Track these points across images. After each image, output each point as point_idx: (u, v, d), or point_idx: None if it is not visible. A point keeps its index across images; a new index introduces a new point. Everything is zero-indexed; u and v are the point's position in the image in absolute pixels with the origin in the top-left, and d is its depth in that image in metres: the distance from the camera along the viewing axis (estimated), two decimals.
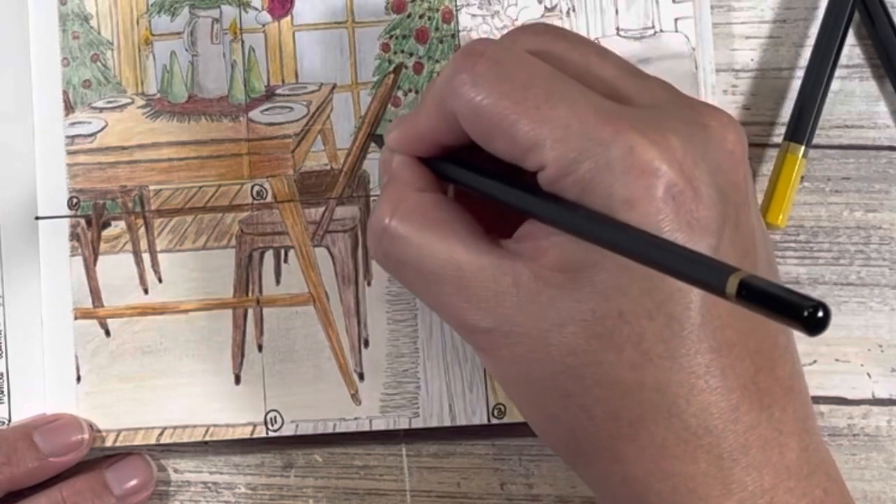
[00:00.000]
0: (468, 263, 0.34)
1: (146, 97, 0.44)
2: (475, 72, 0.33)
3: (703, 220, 0.31)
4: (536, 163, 0.33)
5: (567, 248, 0.32)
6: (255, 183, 0.43)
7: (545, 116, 0.32)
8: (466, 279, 0.34)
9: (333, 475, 0.44)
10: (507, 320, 0.33)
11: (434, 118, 0.35)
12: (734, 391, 0.32)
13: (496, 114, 0.33)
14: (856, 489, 0.43)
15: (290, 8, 0.44)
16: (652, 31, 0.43)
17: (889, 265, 0.44)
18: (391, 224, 0.35)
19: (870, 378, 0.43)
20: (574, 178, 0.32)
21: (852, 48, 0.44)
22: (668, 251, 0.28)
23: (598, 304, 0.32)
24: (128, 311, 0.43)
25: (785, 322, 0.24)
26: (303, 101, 0.44)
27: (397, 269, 0.36)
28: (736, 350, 0.32)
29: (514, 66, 0.33)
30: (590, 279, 0.32)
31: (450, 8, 0.44)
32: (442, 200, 0.36)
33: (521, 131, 0.32)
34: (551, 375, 0.33)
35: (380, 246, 0.36)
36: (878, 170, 0.44)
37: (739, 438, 0.32)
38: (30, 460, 0.41)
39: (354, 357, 0.43)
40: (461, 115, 0.34)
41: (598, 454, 0.33)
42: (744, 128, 0.35)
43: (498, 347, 0.34)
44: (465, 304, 0.34)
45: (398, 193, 0.36)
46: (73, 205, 0.43)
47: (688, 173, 0.31)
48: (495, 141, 0.33)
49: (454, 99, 0.34)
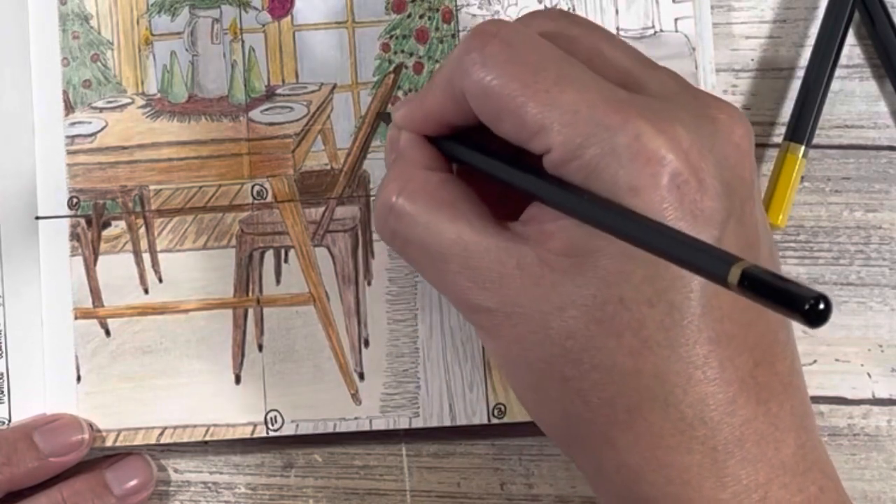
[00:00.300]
0: (474, 244, 0.34)
1: (146, 97, 0.44)
2: (486, 52, 0.33)
3: (706, 210, 0.31)
4: (543, 146, 0.33)
5: (572, 233, 0.32)
6: (256, 183, 0.43)
7: (554, 100, 0.32)
8: (472, 260, 0.34)
9: (333, 475, 0.44)
10: (510, 301, 0.33)
11: (443, 97, 0.35)
12: (732, 384, 0.32)
13: (505, 95, 0.33)
14: (856, 489, 0.43)
15: (291, 8, 0.44)
16: (652, 31, 0.43)
17: (889, 265, 0.44)
18: (398, 202, 0.35)
19: (870, 378, 0.43)
20: (579, 163, 0.32)
21: (852, 48, 0.44)
22: (671, 238, 0.28)
23: (599, 290, 0.32)
24: (128, 311, 0.43)
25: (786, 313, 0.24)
26: (303, 101, 0.44)
27: (403, 247, 0.36)
28: (735, 342, 0.32)
29: (525, 49, 0.33)
30: (593, 264, 0.32)
31: (450, 8, 0.44)
32: (449, 180, 0.36)
33: (529, 114, 0.32)
34: (550, 358, 0.33)
35: (386, 224, 0.36)
36: (878, 170, 0.44)
37: (735, 432, 0.32)
38: (30, 460, 0.41)
39: (354, 357, 0.43)
40: (470, 94, 0.34)
41: (592, 440, 0.33)
42: None
43: (499, 327, 0.34)
44: (469, 283, 0.34)
45: (406, 172, 0.36)
46: (73, 205, 0.43)
47: (694, 164, 0.31)
48: (503, 122, 0.33)
49: (464, 78, 0.34)
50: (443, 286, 0.35)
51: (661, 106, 0.32)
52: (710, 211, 0.31)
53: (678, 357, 0.32)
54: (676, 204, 0.31)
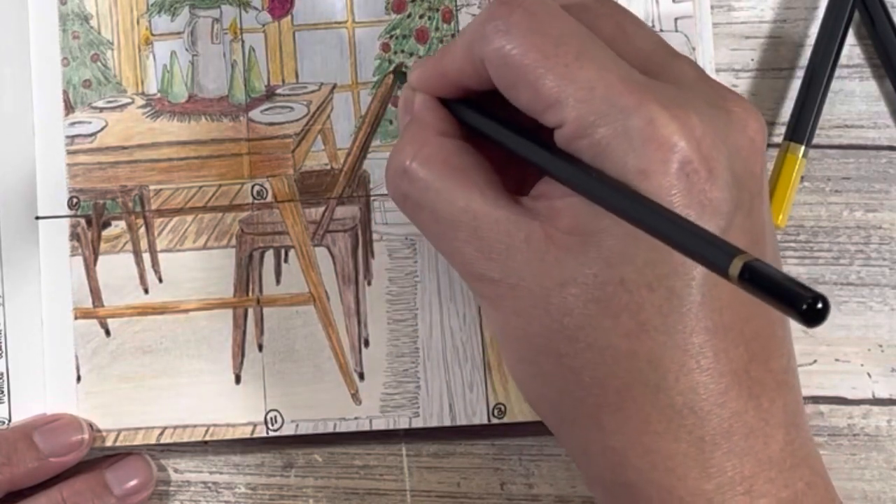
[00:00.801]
0: (485, 215, 0.34)
1: (146, 97, 0.44)
2: (510, 21, 0.33)
3: (714, 200, 0.31)
4: (556, 119, 0.32)
5: (578, 211, 0.32)
6: (256, 183, 0.43)
7: (572, 75, 0.32)
8: (481, 230, 0.34)
9: (333, 475, 0.44)
10: (515, 273, 0.33)
11: (461, 61, 0.35)
12: (725, 375, 0.32)
13: (524, 65, 0.33)
14: (856, 489, 0.43)
15: (291, 8, 0.44)
16: None
17: (889, 265, 0.44)
18: (412, 166, 0.35)
19: (870, 378, 0.43)
20: (590, 141, 0.32)
21: (852, 48, 0.44)
22: (675, 224, 0.28)
23: (601, 270, 0.32)
24: (128, 310, 0.43)
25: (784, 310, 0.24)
26: (303, 100, 0.44)
27: (414, 211, 0.36)
28: (732, 335, 0.32)
29: (548, 21, 0.33)
30: (596, 244, 0.32)
31: (450, 8, 0.44)
32: (463, 147, 0.36)
33: (546, 86, 0.32)
34: (548, 333, 0.33)
35: (399, 187, 0.36)
36: (878, 170, 0.44)
37: (724, 423, 0.32)
38: (30, 460, 0.41)
39: (354, 357, 0.43)
40: (489, 61, 0.34)
41: (581, 420, 0.33)
42: None
43: (502, 298, 0.34)
44: (476, 253, 0.34)
45: (420, 136, 0.36)
46: (73, 205, 0.43)
47: (705, 153, 0.31)
48: (519, 92, 0.33)
49: (484, 44, 0.34)
50: (449, 253, 0.35)
51: (678, 93, 0.32)
52: (717, 201, 0.31)
53: (674, 343, 0.32)
54: (684, 191, 0.31)
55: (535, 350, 0.34)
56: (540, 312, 0.33)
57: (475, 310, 0.43)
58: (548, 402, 0.35)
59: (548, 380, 0.34)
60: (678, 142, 0.31)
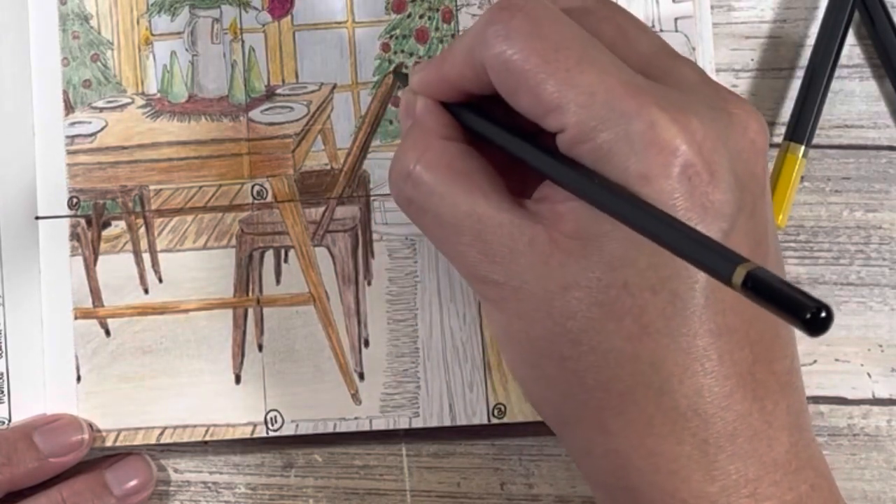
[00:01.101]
0: (489, 218, 0.34)
1: (146, 97, 0.44)
2: (510, 25, 0.33)
3: (717, 203, 0.31)
4: (557, 124, 0.32)
5: (581, 215, 0.32)
6: (256, 183, 0.43)
7: (573, 80, 0.32)
8: (485, 233, 0.34)
9: (333, 475, 0.44)
10: (518, 277, 0.33)
11: (461, 65, 0.35)
12: (729, 378, 0.32)
13: (525, 70, 0.33)
14: (856, 489, 0.43)
15: (290, 8, 0.44)
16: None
17: (889, 265, 0.44)
18: (416, 170, 0.35)
19: (870, 378, 0.43)
20: (591, 146, 0.32)
21: (852, 48, 0.44)
22: (678, 231, 0.28)
23: (604, 273, 0.32)
24: (128, 310, 0.43)
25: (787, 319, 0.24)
26: (303, 100, 0.44)
27: (417, 215, 0.36)
28: (736, 337, 0.32)
29: (549, 25, 0.33)
30: (599, 248, 0.32)
31: (450, 8, 0.44)
32: (466, 151, 0.36)
33: (547, 91, 0.32)
34: (551, 336, 0.33)
35: (402, 191, 0.36)
36: (878, 170, 0.44)
37: (728, 426, 0.32)
38: (30, 460, 0.41)
39: (354, 357, 0.43)
40: (490, 66, 0.34)
41: (584, 423, 0.33)
42: None
43: (505, 301, 0.34)
44: (480, 256, 0.34)
45: (423, 140, 0.36)
46: (73, 205, 0.43)
47: (706, 156, 0.31)
48: (520, 97, 0.33)
49: (485, 49, 0.34)
50: (453, 256, 0.35)
51: (679, 96, 0.32)
52: (719, 204, 0.31)
53: (677, 346, 0.32)
54: (686, 195, 0.31)
55: (537, 353, 0.34)
56: (543, 315, 0.33)
57: (475, 310, 0.43)
58: (550, 404, 0.35)
59: (551, 382, 0.34)
60: (679, 145, 0.31)
